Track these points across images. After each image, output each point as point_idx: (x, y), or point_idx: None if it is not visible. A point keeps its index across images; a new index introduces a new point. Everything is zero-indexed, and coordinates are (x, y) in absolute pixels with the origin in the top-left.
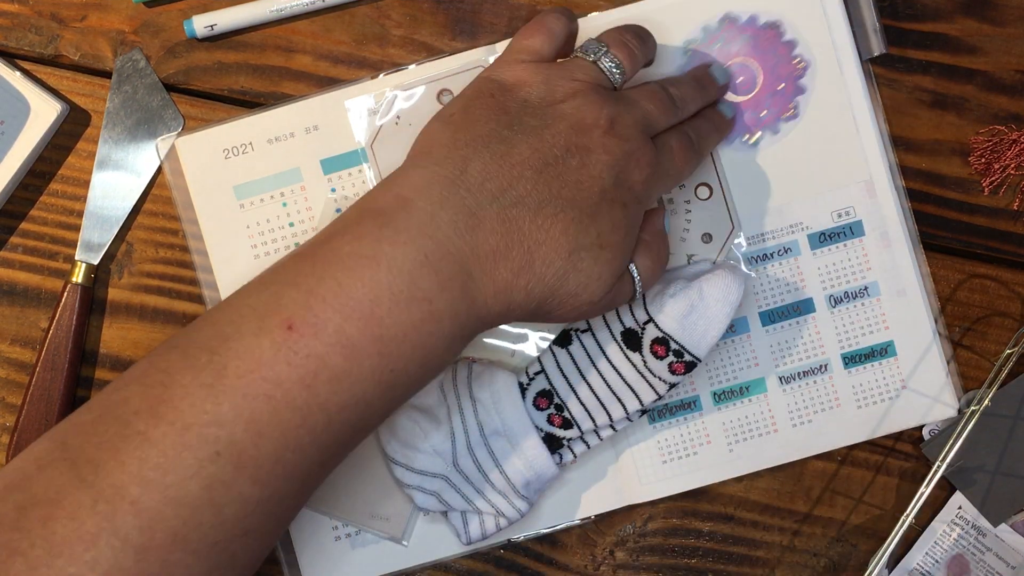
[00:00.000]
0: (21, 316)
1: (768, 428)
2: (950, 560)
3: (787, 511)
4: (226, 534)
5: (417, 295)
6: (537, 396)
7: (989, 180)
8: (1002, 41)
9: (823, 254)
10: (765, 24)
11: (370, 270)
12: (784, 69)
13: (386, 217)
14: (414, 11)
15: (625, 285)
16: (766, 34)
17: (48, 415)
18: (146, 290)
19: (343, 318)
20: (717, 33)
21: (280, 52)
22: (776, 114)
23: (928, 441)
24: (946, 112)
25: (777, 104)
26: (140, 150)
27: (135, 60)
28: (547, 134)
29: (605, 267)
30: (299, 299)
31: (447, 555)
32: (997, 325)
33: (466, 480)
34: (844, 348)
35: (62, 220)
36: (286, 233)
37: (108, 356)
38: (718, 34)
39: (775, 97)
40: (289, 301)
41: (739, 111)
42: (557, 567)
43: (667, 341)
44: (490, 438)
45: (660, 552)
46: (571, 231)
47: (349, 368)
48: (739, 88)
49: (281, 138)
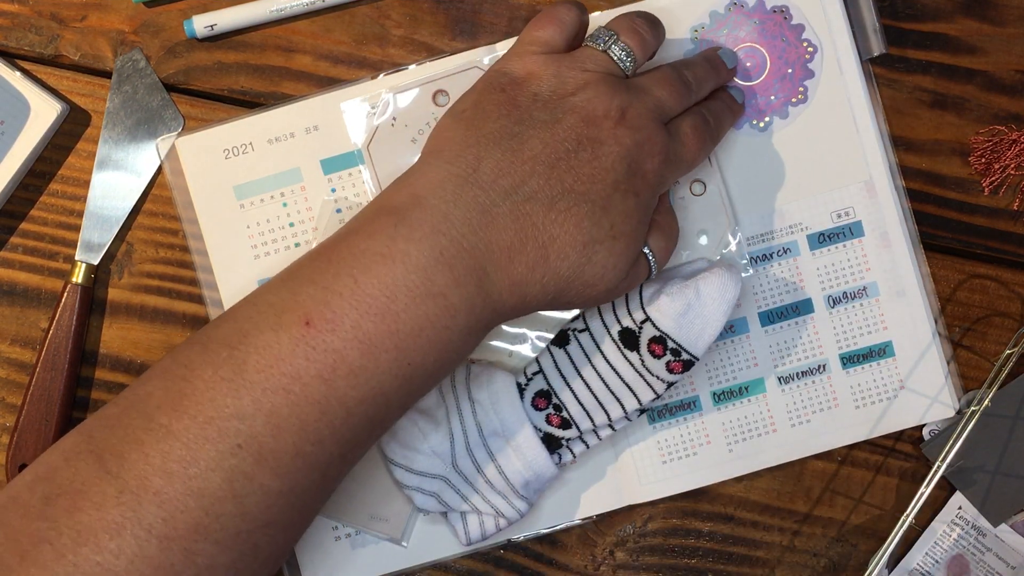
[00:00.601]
0: (21, 316)
1: (767, 428)
2: (950, 560)
3: (787, 511)
4: (248, 525)
5: (432, 290)
6: (535, 396)
7: (989, 180)
8: (1002, 41)
9: (822, 254)
10: (773, 8)
11: (385, 266)
12: (792, 53)
13: (400, 215)
14: (414, 11)
15: (640, 268)
16: (774, 19)
17: (48, 415)
18: (146, 290)
19: (360, 314)
20: (725, 18)
21: (280, 52)
22: (785, 98)
23: (928, 441)
24: (946, 112)
25: (786, 88)
26: (140, 150)
27: (135, 60)
28: (558, 128)
29: (620, 257)
30: (316, 295)
31: (447, 555)
32: (997, 325)
33: (465, 481)
34: (843, 348)
35: (62, 220)
36: (286, 233)
37: (108, 356)
38: (726, 19)
39: (783, 81)
40: (306, 298)
41: (749, 94)
42: (557, 567)
43: (664, 340)
44: (489, 439)
45: (660, 552)
46: (584, 224)
47: (366, 362)
48: (748, 73)
49: (281, 138)
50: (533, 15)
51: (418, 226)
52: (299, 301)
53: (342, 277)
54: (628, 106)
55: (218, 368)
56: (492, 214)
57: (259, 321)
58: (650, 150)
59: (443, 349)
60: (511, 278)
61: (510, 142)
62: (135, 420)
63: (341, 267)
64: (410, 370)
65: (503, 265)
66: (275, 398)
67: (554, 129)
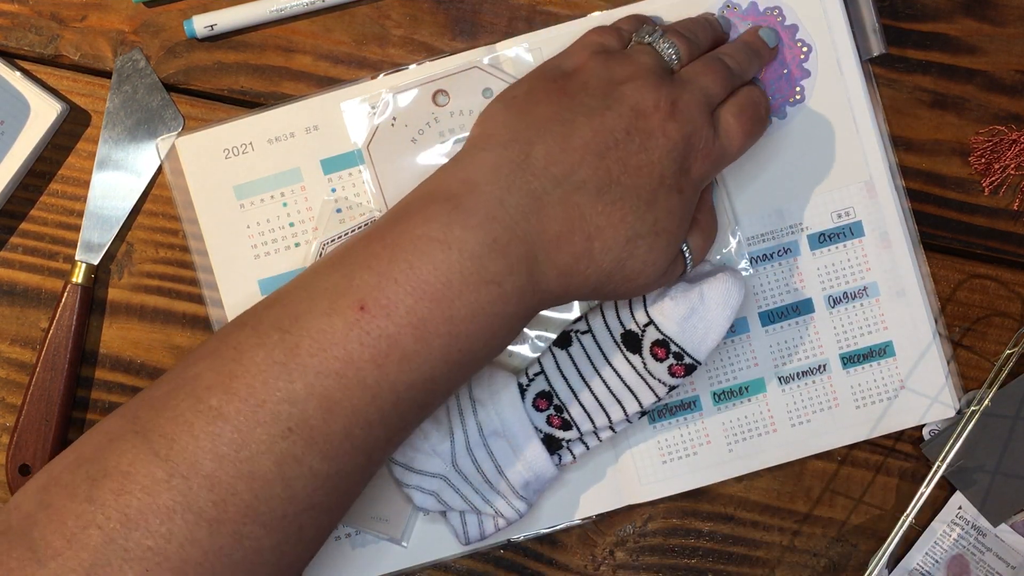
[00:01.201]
0: (21, 316)
1: (767, 428)
2: (950, 560)
3: (787, 511)
4: (295, 507)
5: (487, 277)
6: (537, 397)
7: (989, 180)
8: (1002, 41)
9: (823, 255)
10: (766, 10)
11: (441, 253)
12: (787, 54)
13: (455, 200)
14: (414, 11)
15: (677, 265)
16: (767, 20)
17: (48, 415)
18: (146, 290)
19: (415, 299)
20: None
21: (280, 52)
22: (783, 98)
23: (928, 441)
24: (946, 112)
25: (783, 89)
26: (140, 150)
27: (135, 60)
28: (608, 116)
29: (660, 253)
30: (371, 280)
31: (447, 555)
32: (997, 325)
33: (465, 480)
34: (843, 348)
35: (62, 220)
36: (286, 233)
37: (108, 356)
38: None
39: (780, 82)
40: (361, 282)
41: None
42: (557, 567)
43: (667, 343)
44: (489, 439)
45: (660, 552)
46: (629, 218)
47: (419, 348)
48: None
49: (281, 138)
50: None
51: (473, 212)
52: (353, 286)
53: (397, 262)
54: (677, 99)
55: (270, 351)
56: (543, 201)
57: (312, 305)
58: (697, 146)
59: (493, 335)
60: (558, 267)
61: (560, 128)
62: (183, 401)
63: (396, 252)
64: (461, 355)
65: (551, 253)
66: (328, 382)
67: (604, 116)
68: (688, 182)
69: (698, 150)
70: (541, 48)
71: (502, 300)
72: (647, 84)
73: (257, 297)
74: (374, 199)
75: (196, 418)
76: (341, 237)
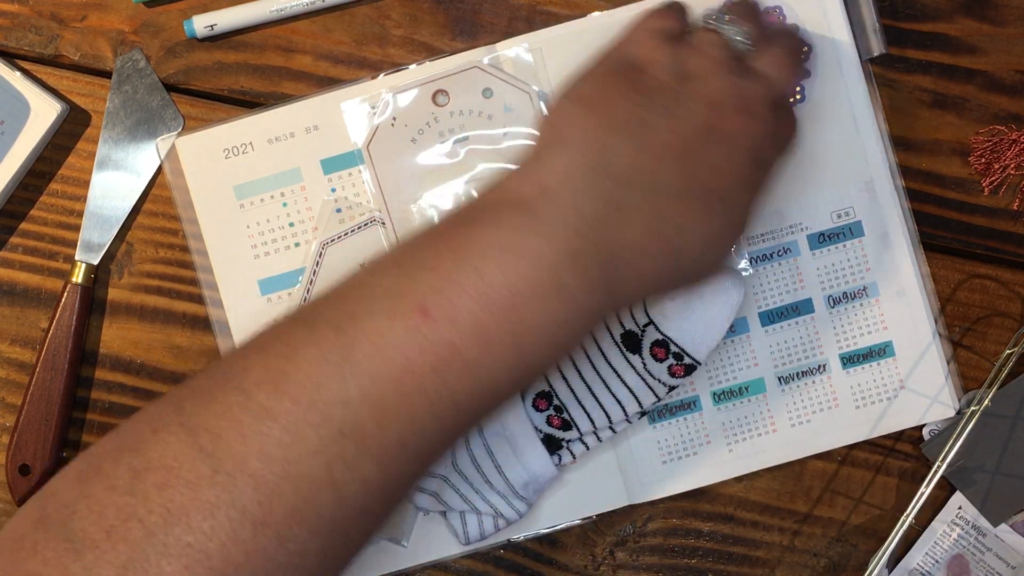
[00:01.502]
0: (21, 316)
1: (767, 428)
2: (950, 560)
3: (787, 511)
4: (343, 513)
5: (559, 288)
6: (536, 397)
7: (989, 180)
8: (1002, 41)
9: (822, 254)
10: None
11: (512, 261)
12: None
13: (528, 206)
14: (414, 11)
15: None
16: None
17: (48, 415)
18: (146, 290)
19: (481, 308)
20: None
21: (280, 52)
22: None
23: (928, 441)
24: (946, 112)
25: None
26: (140, 150)
27: (135, 60)
28: (685, 116)
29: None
30: (435, 284)
31: (446, 555)
32: (997, 325)
33: (465, 480)
34: (843, 348)
35: (62, 220)
36: (286, 233)
37: (108, 356)
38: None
39: None
40: (424, 286)
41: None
42: (557, 567)
43: (667, 344)
44: (489, 439)
45: (660, 552)
46: (711, 221)
47: (482, 358)
48: None
49: (281, 138)
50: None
51: (547, 220)
52: (416, 288)
53: (464, 268)
54: (752, 94)
55: (324, 350)
56: (623, 208)
57: (371, 305)
58: (772, 142)
59: (559, 345)
60: (636, 274)
61: (637, 129)
62: (231, 396)
63: (463, 257)
64: (523, 366)
65: (631, 262)
66: (384, 387)
67: (681, 117)
68: (762, 178)
69: (773, 145)
70: (541, 48)
71: (573, 310)
72: (720, 80)
73: (257, 297)
74: (374, 199)
75: (244, 415)
76: (341, 237)
